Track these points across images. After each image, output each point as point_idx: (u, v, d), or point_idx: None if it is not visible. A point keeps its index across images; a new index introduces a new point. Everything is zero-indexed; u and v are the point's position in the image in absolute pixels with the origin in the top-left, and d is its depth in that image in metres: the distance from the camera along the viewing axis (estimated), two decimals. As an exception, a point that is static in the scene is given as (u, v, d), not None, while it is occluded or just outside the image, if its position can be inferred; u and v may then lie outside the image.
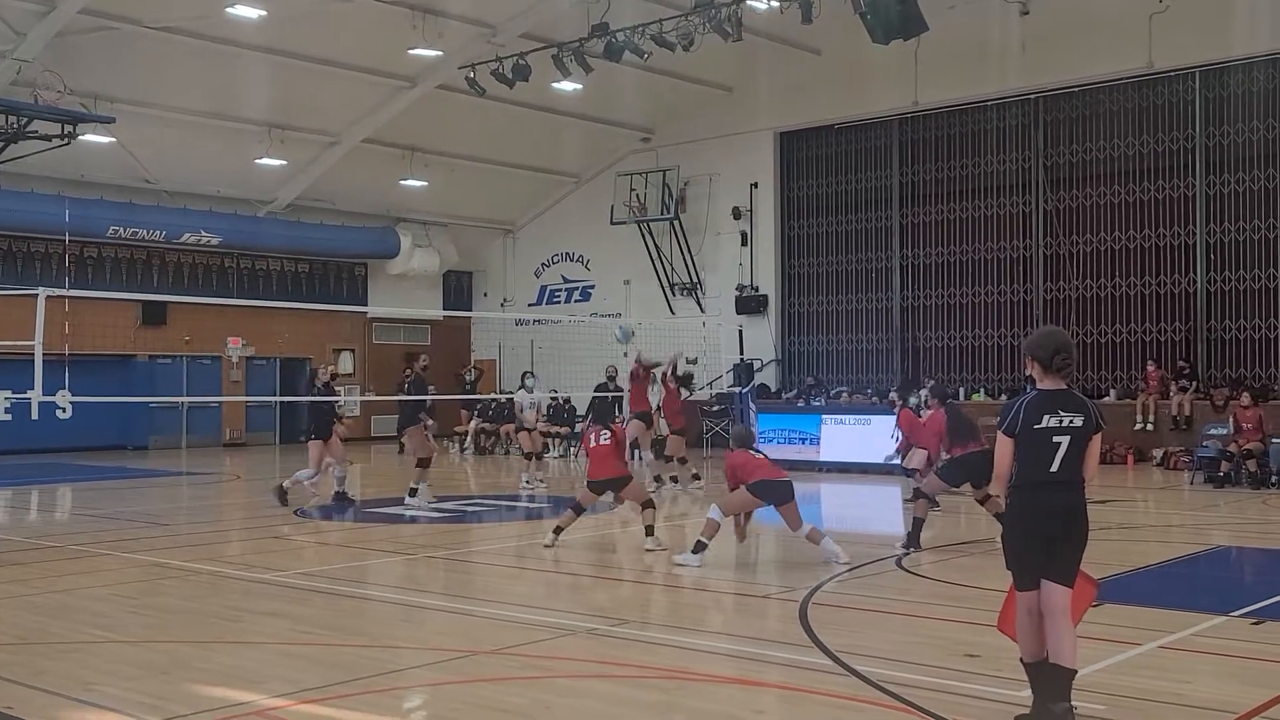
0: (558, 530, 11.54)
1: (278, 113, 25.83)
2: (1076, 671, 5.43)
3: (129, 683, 6.49)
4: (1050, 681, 5.41)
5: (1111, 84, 24.08)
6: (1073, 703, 5.36)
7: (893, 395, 17.47)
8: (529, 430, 19.56)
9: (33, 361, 12.07)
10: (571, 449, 26.06)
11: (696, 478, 17.47)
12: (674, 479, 17.49)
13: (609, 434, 11.59)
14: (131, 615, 8.56)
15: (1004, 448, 5.57)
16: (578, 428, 26.50)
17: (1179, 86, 23.53)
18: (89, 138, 23.34)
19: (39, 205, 24.91)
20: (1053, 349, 5.56)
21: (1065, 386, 5.58)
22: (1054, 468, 5.46)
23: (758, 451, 10.94)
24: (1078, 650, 5.48)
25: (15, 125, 22.17)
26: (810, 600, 8.67)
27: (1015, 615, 5.61)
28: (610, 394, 19.60)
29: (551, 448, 26.41)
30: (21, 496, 17.11)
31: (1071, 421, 5.49)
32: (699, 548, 10.21)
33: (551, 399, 26.82)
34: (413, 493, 15.22)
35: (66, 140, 22.60)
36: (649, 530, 11.34)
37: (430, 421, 16.08)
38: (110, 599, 9.09)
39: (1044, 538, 5.48)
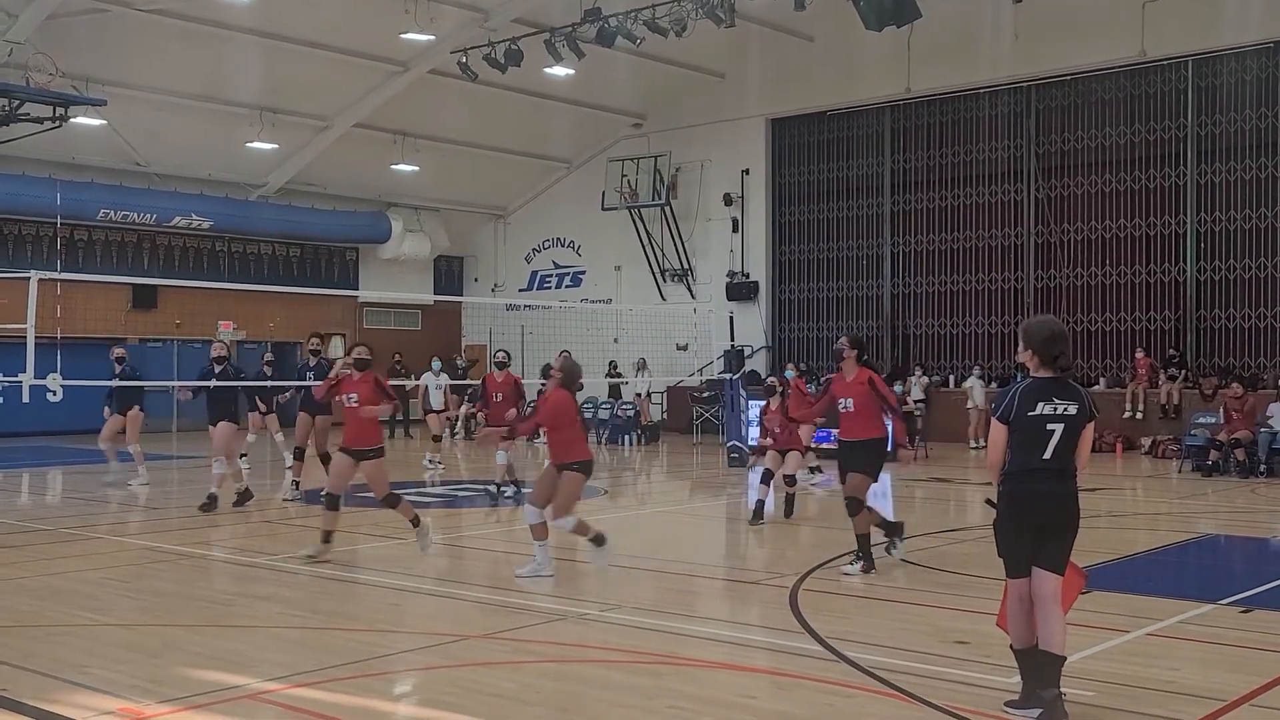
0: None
1: (269, 96, 25.75)
2: (1065, 658, 5.47)
3: (121, 665, 6.51)
4: (1040, 668, 5.45)
5: (1104, 72, 24.12)
6: (1062, 689, 5.41)
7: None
8: (436, 413, 19.88)
9: (24, 344, 12.05)
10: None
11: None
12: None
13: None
14: (124, 599, 8.56)
15: (997, 434, 5.59)
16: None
17: (1171, 75, 23.56)
18: (80, 120, 23.26)
19: (30, 188, 24.80)
20: (1049, 339, 5.58)
21: (1060, 375, 5.61)
22: (1046, 455, 5.49)
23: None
24: (1067, 637, 5.52)
25: (7, 108, 22.10)
26: (800, 586, 8.71)
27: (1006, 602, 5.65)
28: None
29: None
30: (13, 480, 17.08)
31: (1065, 409, 5.52)
32: (601, 541, 9.45)
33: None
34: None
35: (58, 123, 22.55)
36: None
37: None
38: (102, 582, 9.09)
39: (1034, 525, 5.52)
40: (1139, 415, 22.12)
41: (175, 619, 7.87)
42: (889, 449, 9.53)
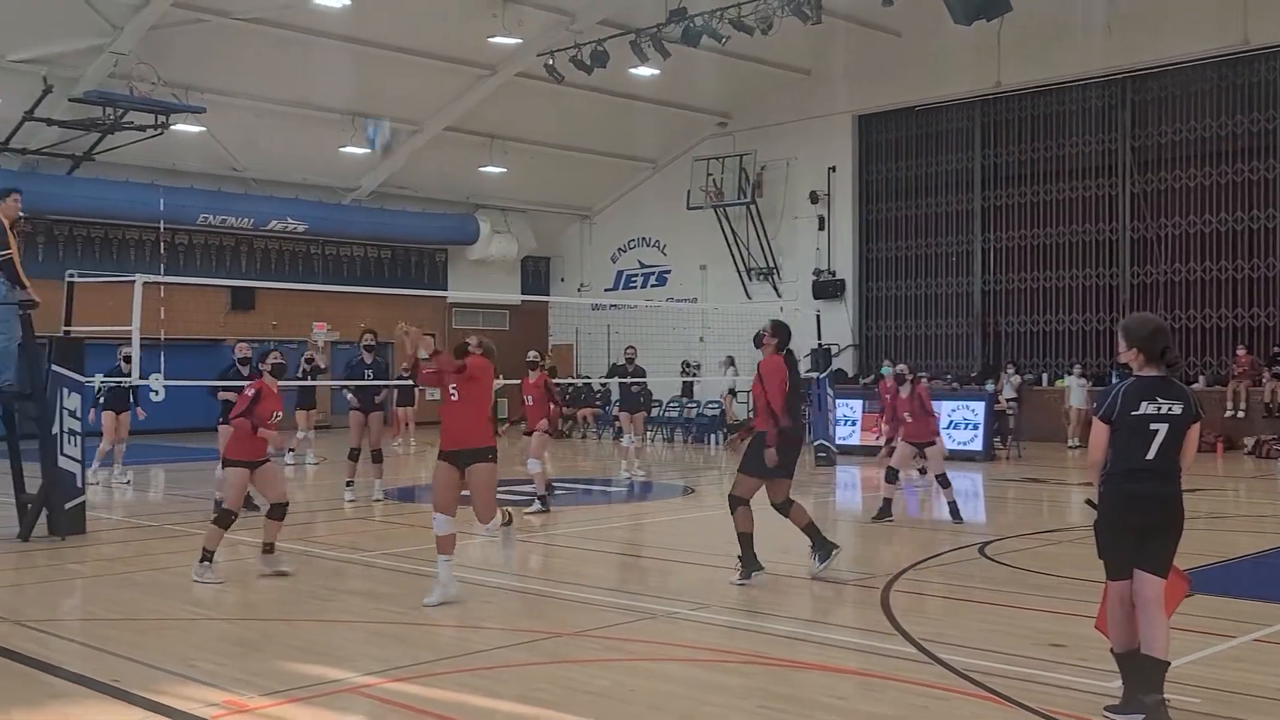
0: None
1: (361, 101, 26.22)
2: (1169, 663, 5.35)
3: (226, 659, 6.69)
4: (1142, 673, 5.34)
5: (1203, 62, 23.45)
6: (1165, 695, 5.29)
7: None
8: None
9: (129, 345, 12.44)
10: (647, 433, 26.16)
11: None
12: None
13: None
14: (225, 593, 8.80)
15: (1099, 434, 5.49)
16: (654, 413, 26.62)
17: (1276, 64, 22.84)
18: (180, 127, 23.96)
19: (134, 194, 25.59)
20: (1152, 334, 5.46)
21: (1164, 374, 5.49)
22: (1150, 456, 5.38)
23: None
24: (1170, 642, 5.40)
25: (112, 116, 22.85)
26: (891, 587, 8.64)
27: (1106, 604, 5.55)
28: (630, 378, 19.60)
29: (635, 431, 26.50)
30: (119, 477, 17.61)
31: (1170, 409, 5.40)
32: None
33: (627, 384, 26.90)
34: None
35: (160, 130, 23.27)
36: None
37: None
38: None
39: (1137, 527, 5.41)
40: (1241, 414, 21.50)
41: (276, 613, 8.06)
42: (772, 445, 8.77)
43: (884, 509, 12.37)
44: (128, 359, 16.28)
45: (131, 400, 16.47)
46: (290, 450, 18.86)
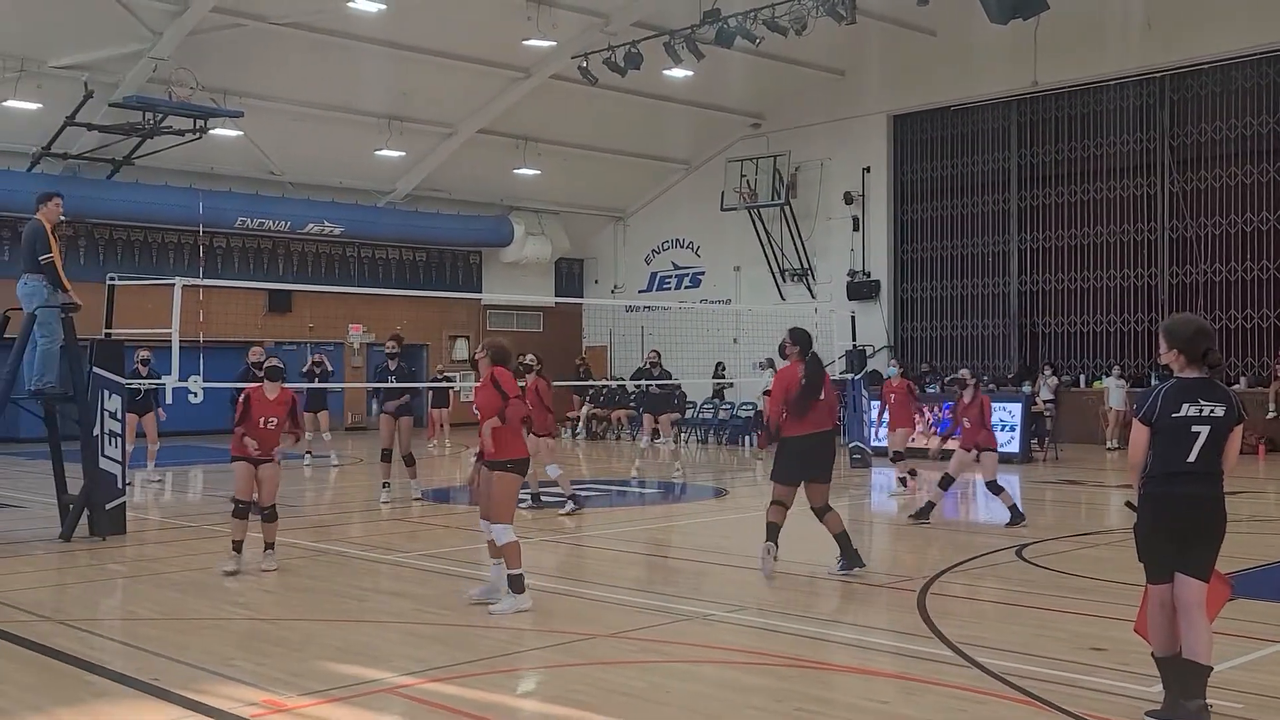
0: None
1: (396, 105, 26.37)
2: (1212, 668, 5.29)
3: (265, 659, 6.75)
4: (1184, 677, 5.29)
5: (1244, 59, 23.17)
6: (1208, 700, 5.23)
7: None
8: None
9: (167, 348, 12.57)
10: (682, 435, 26.16)
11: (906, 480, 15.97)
12: None
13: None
14: (265, 593, 8.87)
15: (1140, 437, 5.44)
16: (687, 414, 26.63)
17: (1317, 61, 22.55)
18: (218, 132, 24.20)
19: (173, 198, 25.85)
20: (1194, 335, 5.40)
21: (1207, 376, 5.43)
22: (1191, 458, 5.33)
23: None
24: (1213, 646, 5.34)
25: (151, 121, 23.11)
26: (928, 590, 8.59)
27: (1147, 608, 5.49)
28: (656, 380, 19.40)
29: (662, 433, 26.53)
30: (158, 478, 17.81)
31: (1212, 411, 5.34)
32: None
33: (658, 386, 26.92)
34: None
35: (198, 135, 23.51)
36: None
37: None
38: (243, 577, 9.41)
39: (1178, 530, 5.35)
40: (1283, 416, 21.23)
41: (314, 614, 8.12)
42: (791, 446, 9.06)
43: (924, 510, 12.30)
44: (144, 362, 16.52)
45: (155, 402, 16.63)
46: (307, 453, 19.01)
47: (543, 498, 13.88)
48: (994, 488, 12.22)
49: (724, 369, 27.47)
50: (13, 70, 22.08)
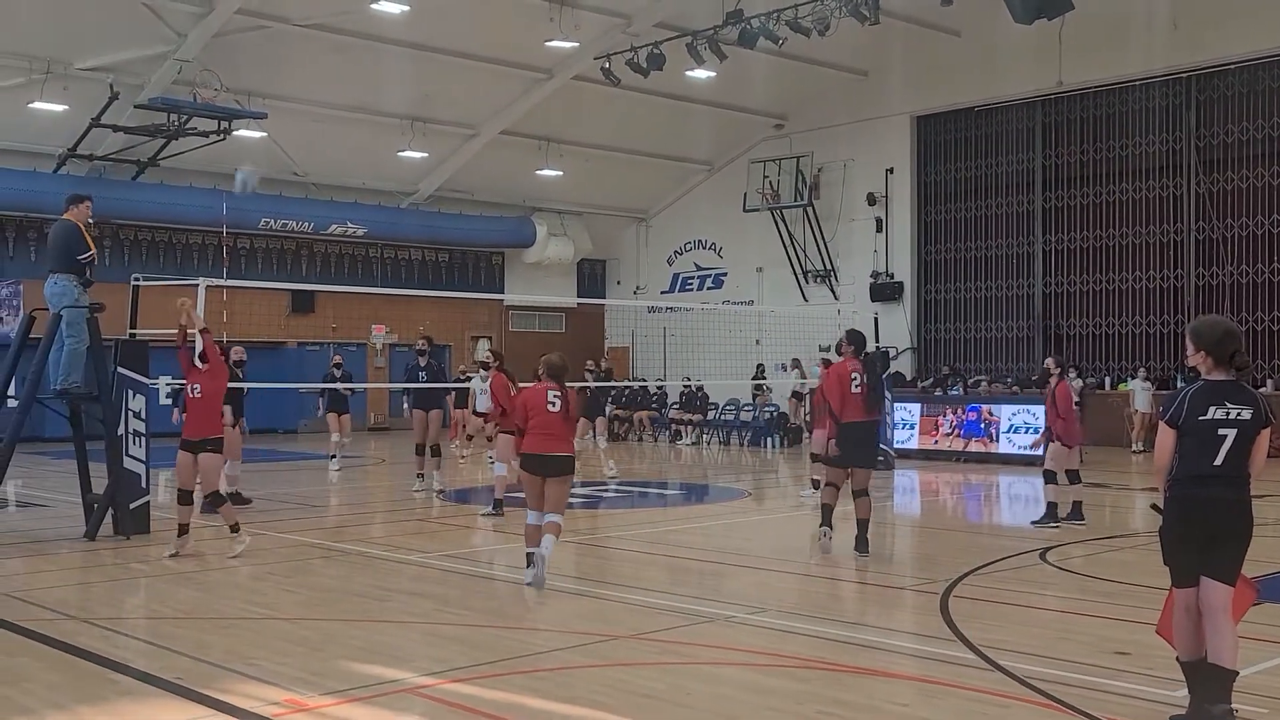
0: None
1: (419, 106, 26.46)
2: (1238, 673, 5.24)
3: (286, 658, 6.77)
4: (1209, 682, 5.24)
5: (1270, 60, 22.97)
6: (1233, 705, 5.18)
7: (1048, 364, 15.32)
8: (480, 414, 20.05)
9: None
10: (704, 436, 26.13)
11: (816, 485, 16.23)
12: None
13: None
14: (287, 593, 8.91)
15: (1166, 439, 5.39)
16: (710, 415, 26.60)
17: (1345, 61, 22.33)
18: (242, 133, 24.33)
19: (197, 199, 26.01)
20: (1223, 338, 5.35)
21: (1235, 378, 5.38)
22: (1218, 461, 5.28)
23: (555, 403, 9.00)
24: (1238, 651, 5.29)
25: (176, 123, 23.27)
26: (951, 593, 8.54)
27: (1172, 612, 5.44)
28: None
29: (684, 435, 26.54)
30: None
31: (1239, 414, 5.29)
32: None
33: (684, 387, 26.93)
34: None
35: (222, 136, 23.65)
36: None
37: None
38: (265, 577, 9.47)
39: (1204, 533, 5.31)
40: (1311, 419, 21.02)
41: (335, 613, 8.15)
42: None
43: (1073, 512, 12.12)
44: (239, 364, 16.53)
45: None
46: (332, 456, 18.87)
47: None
48: (1073, 478, 12.21)
49: (764, 371, 27.31)
50: (39, 72, 22.27)
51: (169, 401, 15.17)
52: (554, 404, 8.99)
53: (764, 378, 27.05)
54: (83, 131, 23.60)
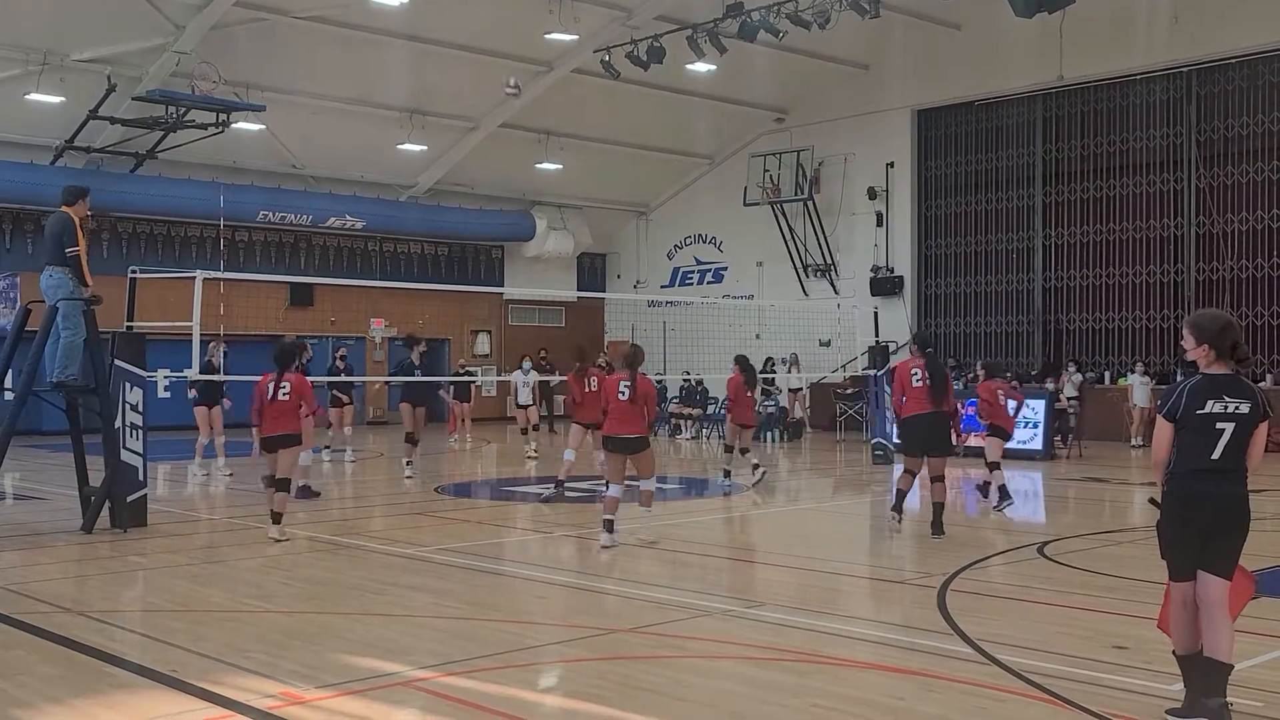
0: None
1: (418, 99, 26.41)
2: (1233, 666, 5.23)
3: (283, 651, 6.75)
4: (1205, 676, 5.23)
5: (1270, 54, 22.93)
6: (1229, 698, 5.17)
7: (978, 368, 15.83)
8: (523, 407, 21.32)
9: (189, 341, 12.61)
10: (704, 430, 26.11)
11: (757, 467, 15.81)
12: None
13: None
14: (283, 586, 8.89)
15: (1163, 432, 5.38)
16: (710, 409, 26.57)
17: (1346, 55, 22.29)
18: (240, 126, 24.30)
19: (195, 191, 25.98)
20: (1222, 330, 5.33)
21: (1233, 372, 5.36)
22: (1215, 455, 5.26)
23: (625, 391, 10.40)
24: (1234, 644, 5.28)
25: (174, 115, 23.22)
26: (949, 587, 8.53)
27: (1169, 605, 5.43)
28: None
29: (684, 429, 26.52)
30: (179, 470, 17.91)
31: (1237, 408, 5.27)
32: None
33: (684, 381, 26.89)
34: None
35: (221, 129, 23.61)
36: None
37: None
38: (263, 570, 9.46)
39: (1201, 527, 5.29)
40: (1311, 414, 21.00)
41: (331, 606, 8.13)
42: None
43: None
44: (225, 355, 16.70)
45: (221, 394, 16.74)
46: (327, 447, 19.11)
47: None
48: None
49: (773, 364, 27.18)
50: (36, 63, 22.23)
51: (168, 395, 15.26)
52: (624, 392, 10.35)
53: (773, 372, 26.93)
54: (80, 123, 23.55)
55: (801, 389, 27.00)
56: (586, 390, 14.18)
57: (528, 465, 19.00)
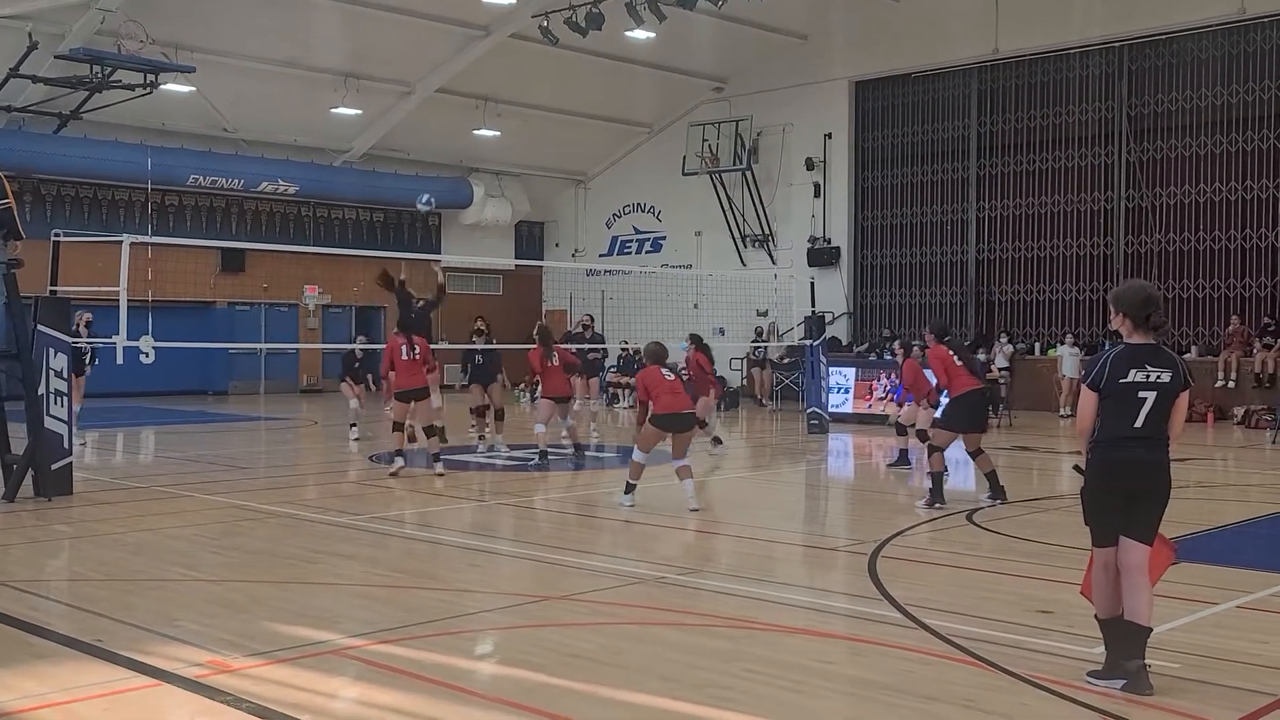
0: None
1: (353, 62, 26.00)
2: (1152, 629, 5.37)
3: (211, 619, 6.68)
4: (1125, 639, 5.36)
5: (1200, 31, 23.33)
6: (1147, 660, 5.31)
7: (895, 346, 17.10)
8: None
9: (117, 307, 12.35)
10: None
11: (718, 441, 16.28)
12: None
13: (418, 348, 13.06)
14: (213, 555, 8.79)
15: (1088, 402, 5.48)
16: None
17: (1272, 34, 22.73)
18: (170, 87, 23.72)
19: (122, 154, 25.39)
20: (1144, 302, 5.44)
21: (1155, 342, 5.47)
22: (1138, 423, 5.37)
23: (670, 371, 11.00)
24: (1153, 609, 5.41)
25: (99, 75, 22.61)
26: (879, 553, 8.64)
27: (1092, 570, 5.55)
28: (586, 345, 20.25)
29: (621, 398, 26.54)
30: (107, 439, 17.60)
31: (1159, 377, 5.38)
32: (629, 489, 10.92)
33: (622, 350, 26.88)
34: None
35: (148, 90, 23.03)
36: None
37: None
38: (192, 539, 9.34)
39: (1123, 494, 5.40)
40: (1232, 384, 21.53)
41: (262, 575, 8.05)
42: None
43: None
44: (88, 324, 16.25)
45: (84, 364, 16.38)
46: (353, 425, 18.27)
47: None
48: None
49: (763, 334, 26.90)
50: (-46, 20, 21.55)
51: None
52: (668, 374, 10.81)
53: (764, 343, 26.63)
54: (0, 81, 22.86)
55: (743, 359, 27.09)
56: (549, 365, 14.56)
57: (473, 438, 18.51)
